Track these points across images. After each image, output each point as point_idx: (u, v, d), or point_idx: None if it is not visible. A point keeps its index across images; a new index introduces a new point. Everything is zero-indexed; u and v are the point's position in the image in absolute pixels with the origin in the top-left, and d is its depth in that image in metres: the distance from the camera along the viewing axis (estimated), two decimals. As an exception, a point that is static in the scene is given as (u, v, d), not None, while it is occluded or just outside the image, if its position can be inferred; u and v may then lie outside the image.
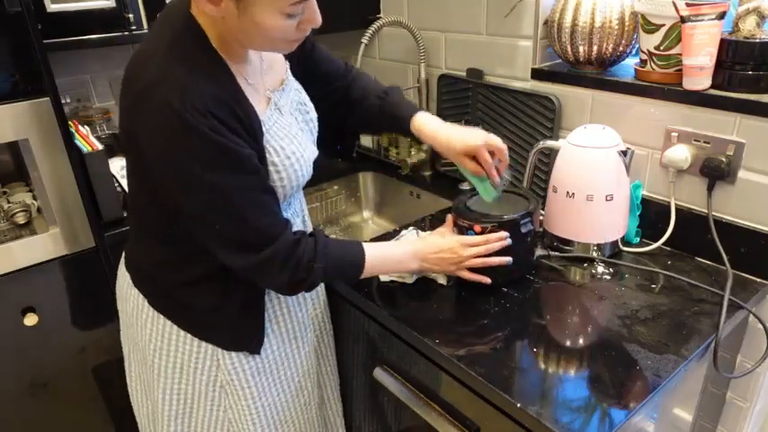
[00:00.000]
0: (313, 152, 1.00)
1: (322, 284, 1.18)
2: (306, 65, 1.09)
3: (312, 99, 1.06)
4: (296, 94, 1.01)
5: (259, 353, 1.03)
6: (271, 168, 0.89)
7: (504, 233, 1.04)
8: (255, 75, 0.92)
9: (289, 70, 1.02)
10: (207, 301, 0.97)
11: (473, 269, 1.05)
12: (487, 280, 1.05)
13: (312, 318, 1.15)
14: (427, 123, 1.09)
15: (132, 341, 1.08)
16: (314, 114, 1.05)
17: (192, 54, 0.81)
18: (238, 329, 1.01)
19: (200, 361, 1.01)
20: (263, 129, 0.88)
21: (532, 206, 1.08)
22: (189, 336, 0.99)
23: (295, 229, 0.92)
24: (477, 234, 1.05)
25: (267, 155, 0.88)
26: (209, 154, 0.78)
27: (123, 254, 1.08)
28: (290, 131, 0.94)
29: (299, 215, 1.07)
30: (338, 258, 0.95)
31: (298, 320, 1.10)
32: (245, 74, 0.88)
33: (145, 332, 1.01)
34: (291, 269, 0.88)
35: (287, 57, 1.02)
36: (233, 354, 1.01)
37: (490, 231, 1.04)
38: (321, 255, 0.91)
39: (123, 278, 1.06)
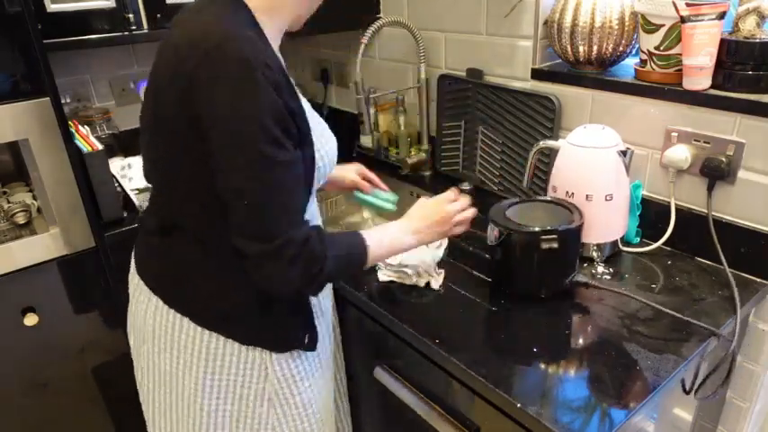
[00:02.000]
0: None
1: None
2: None
3: None
4: None
5: (314, 349, 1.01)
6: (316, 155, 0.89)
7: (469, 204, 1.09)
8: None
9: None
10: (255, 299, 0.92)
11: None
12: (474, 211, 1.09)
13: (335, 318, 1.16)
14: None
15: (161, 370, 1.00)
16: None
17: (242, 20, 0.82)
18: (288, 326, 0.97)
19: (249, 372, 0.96)
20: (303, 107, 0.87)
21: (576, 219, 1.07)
22: (236, 345, 0.94)
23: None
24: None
25: (311, 134, 0.87)
26: (269, 112, 0.78)
27: (139, 278, 1.01)
28: (313, 114, 0.94)
29: (316, 218, 1.04)
30: (343, 246, 0.92)
31: (330, 318, 1.11)
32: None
33: (185, 355, 0.95)
34: (304, 263, 0.83)
35: None
36: (281, 360, 0.97)
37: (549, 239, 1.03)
38: (329, 244, 0.87)
39: (148, 298, 0.98)
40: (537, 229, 1.02)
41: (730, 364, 0.97)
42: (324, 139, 0.93)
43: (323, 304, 1.06)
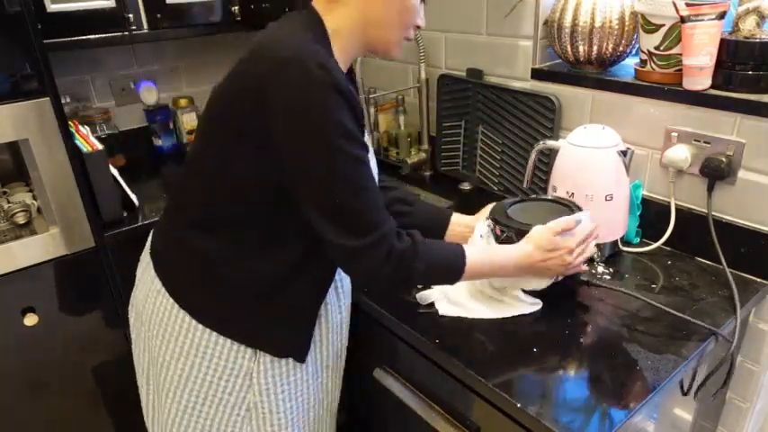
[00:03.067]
0: None
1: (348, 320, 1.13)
2: None
3: None
4: None
5: (303, 361, 1.00)
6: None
7: (592, 227, 1.03)
8: None
9: None
10: (261, 299, 0.93)
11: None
12: (585, 268, 1.05)
13: (342, 352, 1.13)
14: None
15: (149, 350, 1.01)
16: None
17: (318, 36, 0.87)
18: (288, 332, 0.97)
19: (233, 378, 0.95)
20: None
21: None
22: (228, 345, 0.93)
23: None
24: None
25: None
26: (346, 114, 0.80)
27: (150, 259, 1.01)
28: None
29: None
30: (439, 258, 0.93)
31: (335, 348, 1.08)
32: None
33: (178, 346, 0.95)
34: (395, 261, 0.86)
35: None
36: (269, 374, 0.96)
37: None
38: (422, 253, 0.89)
39: (155, 290, 0.98)
40: None
41: (730, 365, 0.97)
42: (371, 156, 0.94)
43: (331, 319, 1.05)
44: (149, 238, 1.05)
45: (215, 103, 0.89)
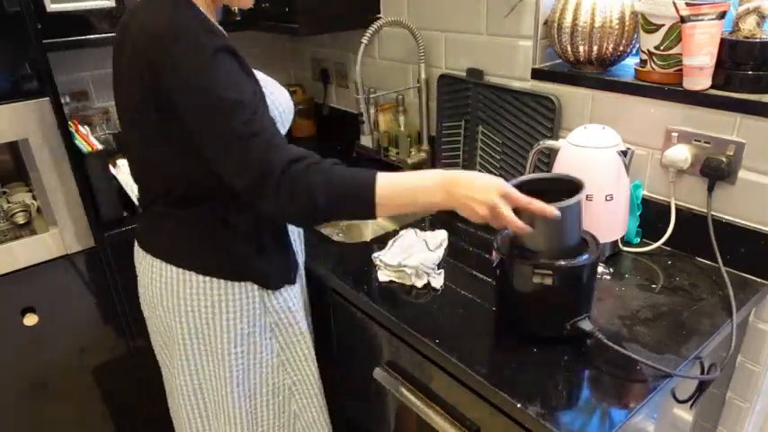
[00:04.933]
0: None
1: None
2: None
3: None
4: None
5: (294, 282, 1.11)
6: (265, 91, 0.94)
7: (555, 210, 0.85)
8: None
9: None
10: (245, 244, 1.01)
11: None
12: (528, 229, 0.87)
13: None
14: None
15: (169, 329, 1.07)
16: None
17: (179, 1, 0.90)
18: (279, 265, 1.07)
19: (251, 309, 1.05)
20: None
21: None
22: (236, 287, 1.02)
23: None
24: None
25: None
26: (218, 42, 0.85)
27: (141, 249, 1.07)
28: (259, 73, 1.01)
29: None
30: (344, 177, 0.87)
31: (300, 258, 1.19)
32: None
33: (191, 306, 1.02)
34: (289, 192, 0.84)
35: None
36: (277, 294, 1.07)
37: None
38: (324, 170, 0.86)
39: (153, 266, 1.04)
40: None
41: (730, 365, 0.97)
42: (273, 86, 1.00)
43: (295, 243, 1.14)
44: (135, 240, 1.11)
45: (120, 90, 0.97)
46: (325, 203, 0.85)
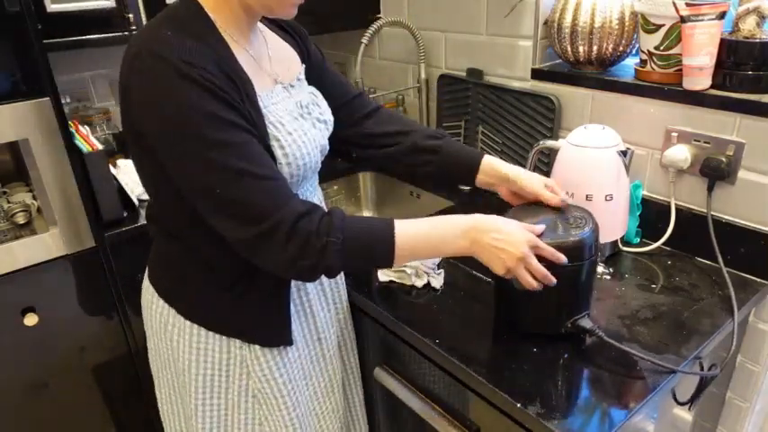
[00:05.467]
0: (321, 142, 0.95)
1: (343, 286, 1.13)
2: (319, 74, 1.05)
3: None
4: (310, 96, 0.98)
5: (291, 343, 0.98)
6: (274, 144, 0.84)
7: (563, 258, 0.87)
8: (260, 50, 0.90)
9: (303, 73, 0.99)
10: (232, 291, 0.93)
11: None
12: (553, 280, 0.86)
13: (335, 320, 1.11)
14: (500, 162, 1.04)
15: (162, 359, 1.03)
16: (329, 117, 1.00)
17: (182, 16, 0.81)
18: (265, 321, 0.96)
19: (231, 368, 0.97)
20: (260, 102, 0.85)
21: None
22: (218, 338, 0.95)
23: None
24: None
25: (268, 129, 0.84)
26: (205, 102, 0.75)
27: (147, 269, 1.04)
28: (292, 115, 0.90)
29: None
30: (360, 232, 0.82)
31: (322, 322, 1.06)
32: (244, 45, 0.87)
33: (174, 345, 0.98)
34: (299, 244, 0.78)
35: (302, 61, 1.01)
36: (262, 361, 0.97)
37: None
38: (337, 228, 0.79)
39: (147, 291, 1.02)
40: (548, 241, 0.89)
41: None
42: (291, 138, 0.87)
43: (308, 304, 1.03)
44: None
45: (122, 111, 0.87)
46: (340, 259, 0.80)
